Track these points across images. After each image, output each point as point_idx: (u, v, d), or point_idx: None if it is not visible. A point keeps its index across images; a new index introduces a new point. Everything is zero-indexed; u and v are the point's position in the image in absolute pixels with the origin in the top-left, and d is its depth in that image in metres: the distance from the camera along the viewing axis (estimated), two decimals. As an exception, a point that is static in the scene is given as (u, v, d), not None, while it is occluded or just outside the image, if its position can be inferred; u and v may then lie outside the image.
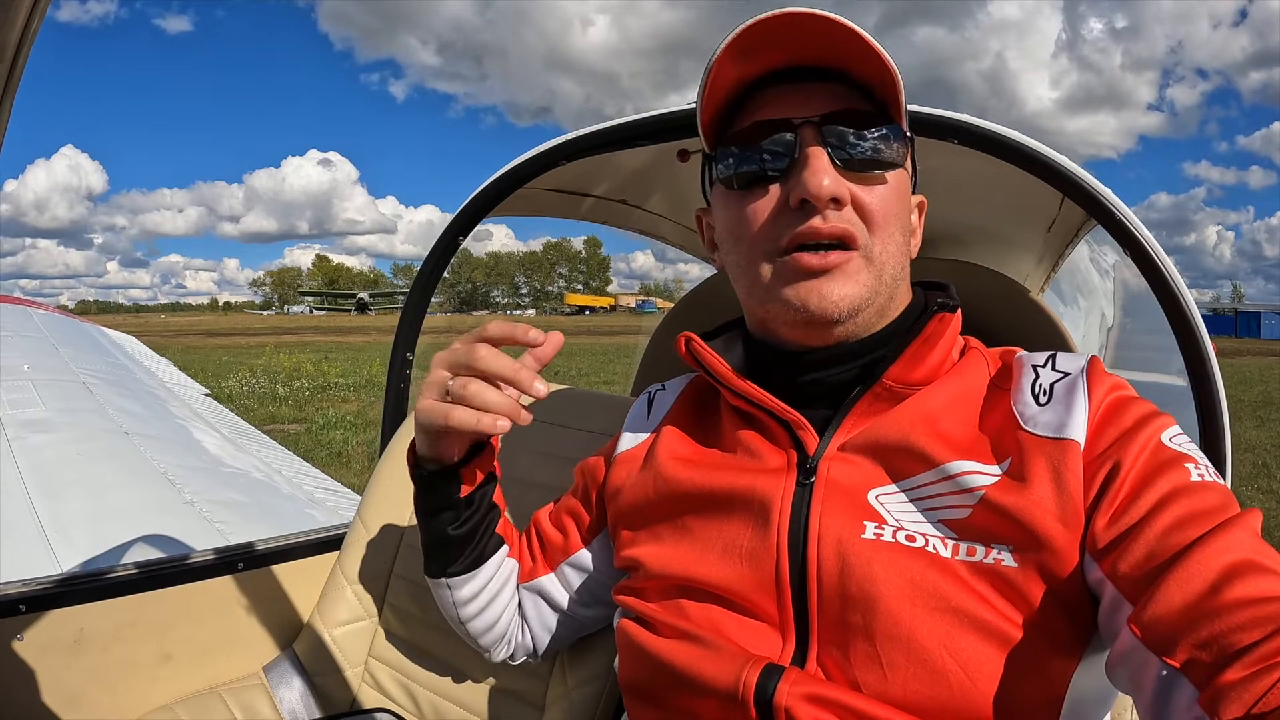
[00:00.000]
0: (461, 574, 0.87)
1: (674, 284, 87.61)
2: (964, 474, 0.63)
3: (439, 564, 0.88)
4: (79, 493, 2.53)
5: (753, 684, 0.62)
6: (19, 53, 0.55)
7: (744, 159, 0.70)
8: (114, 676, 1.13)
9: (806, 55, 0.69)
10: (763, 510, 0.69)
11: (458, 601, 0.89)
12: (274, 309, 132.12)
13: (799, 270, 0.67)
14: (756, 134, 0.69)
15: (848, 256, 0.67)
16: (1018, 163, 0.92)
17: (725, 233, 0.75)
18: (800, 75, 0.70)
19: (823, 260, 0.66)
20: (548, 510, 0.95)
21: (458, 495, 0.82)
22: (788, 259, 0.68)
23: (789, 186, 0.68)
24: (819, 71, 0.70)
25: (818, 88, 0.70)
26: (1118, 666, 0.55)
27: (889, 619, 0.60)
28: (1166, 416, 0.63)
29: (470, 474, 0.82)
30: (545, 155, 1.26)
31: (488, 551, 0.88)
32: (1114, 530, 0.57)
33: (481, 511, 0.86)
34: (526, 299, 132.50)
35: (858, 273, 0.68)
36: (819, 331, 0.69)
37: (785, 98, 0.70)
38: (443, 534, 0.85)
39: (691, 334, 0.78)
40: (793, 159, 0.68)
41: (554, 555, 0.91)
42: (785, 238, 0.68)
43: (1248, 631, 0.47)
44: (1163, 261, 0.89)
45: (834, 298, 0.67)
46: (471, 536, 0.86)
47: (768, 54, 0.69)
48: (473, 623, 0.91)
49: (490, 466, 0.86)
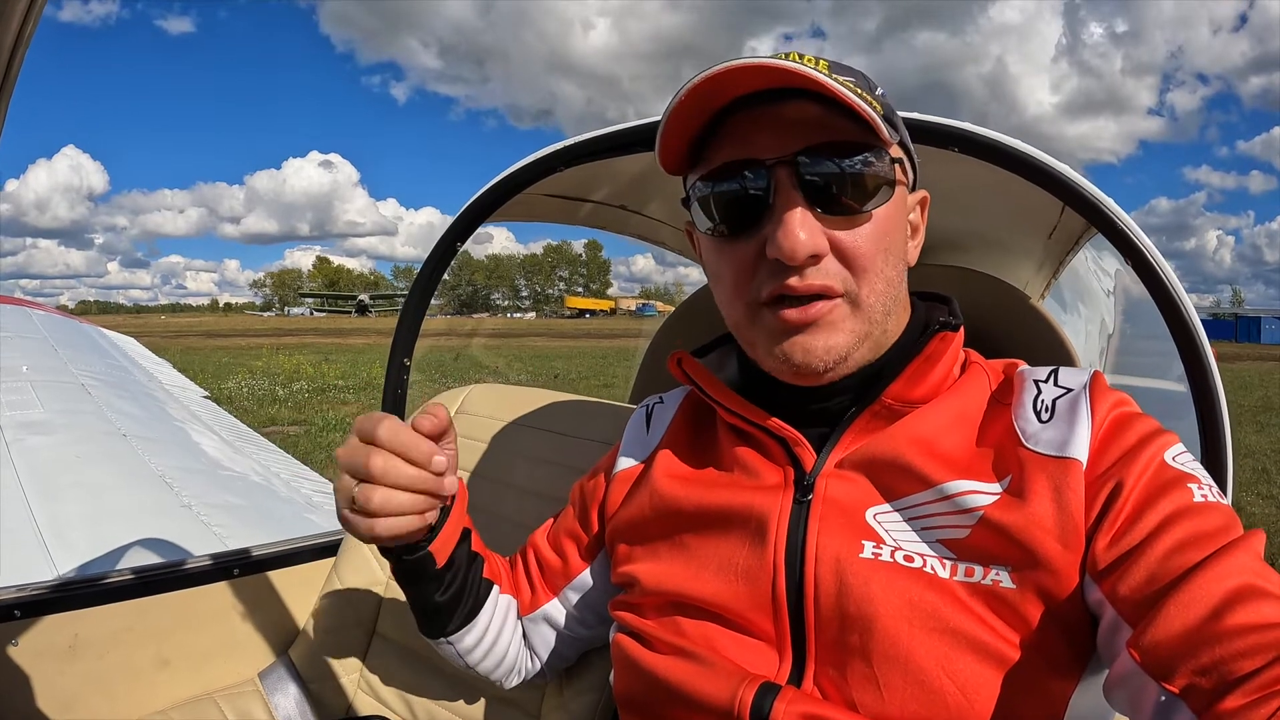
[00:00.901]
0: (459, 630, 0.86)
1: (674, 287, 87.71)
2: (962, 494, 0.62)
3: (434, 628, 0.86)
4: (76, 495, 2.52)
5: (749, 702, 0.61)
6: (14, 55, 0.55)
7: (715, 204, 0.66)
8: (109, 682, 1.12)
9: (777, 82, 0.62)
10: (760, 527, 0.68)
11: (462, 652, 0.88)
12: (274, 310, 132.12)
13: (781, 326, 0.65)
14: (728, 173, 0.65)
15: (831, 306, 0.64)
16: (1018, 170, 0.92)
17: (709, 271, 0.72)
18: (774, 94, 0.64)
19: (803, 314, 0.64)
20: (544, 533, 0.93)
21: (434, 567, 0.80)
22: (768, 312, 0.65)
23: (764, 235, 0.64)
24: (793, 90, 0.63)
25: (792, 108, 0.64)
26: (1116, 689, 0.55)
27: (886, 639, 0.60)
28: (1170, 434, 0.62)
29: (442, 543, 0.79)
30: (544, 161, 1.26)
31: (480, 600, 0.86)
32: (1115, 551, 0.56)
33: (464, 570, 0.83)
34: (526, 302, 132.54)
35: (842, 321, 0.65)
36: (809, 379, 0.68)
37: (758, 125, 0.65)
38: (430, 603, 0.83)
39: (683, 353, 0.77)
40: (767, 206, 0.63)
41: (555, 580, 0.89)
42: (765, 290, 0.64)
43: (1248, 659, 0.47)
44: (1163, 270, 0.89)
45: (818, 351, 0.65)
46: (460, 595, 0.84)
47: (728, 94, 0.64)
48: (481, 665, 0.90)
49: (460, 524, 0.82)
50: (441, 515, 0.78)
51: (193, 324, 62.35)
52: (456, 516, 0.80)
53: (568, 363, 17.65)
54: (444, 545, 0.79)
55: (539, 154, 1.27)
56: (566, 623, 0.90)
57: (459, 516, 0.81)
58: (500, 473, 1.29)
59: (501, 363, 17.04)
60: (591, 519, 0.87)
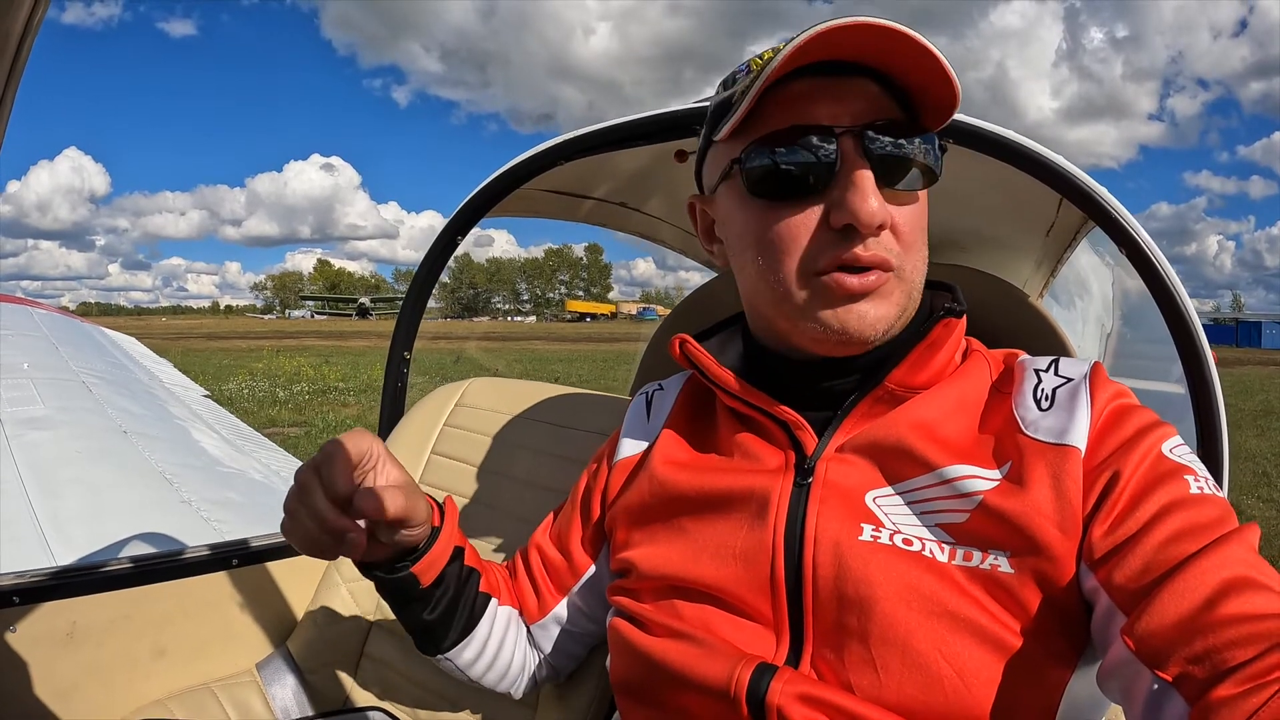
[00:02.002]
0: (456, 644, 0.85)
1: (674, 291, 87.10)
2: (962, 478, 0.63)
3: (428, 644, 0.85)
4: (76, 490, 2.52)
5: (745, 682, 0.62)
6: (23, 41, 0.55)
7: (779, 167, 0.65)
8: (107, 670, 1.12)
9: (842, 54, 0.63)
10: (759, 510, 0.68)
11: (462, 666, 0.87)
12: (275, 313, 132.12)
13: (840, 293, 0.64)
14: (792, 138, 0.64)
15: (885, 278, 0.65)
16: (1013, 161, 0.92)
17: (747, 240, 0.70)
18: (833, 68, 0.64)
19: (863, 283, 0.64)
20: (546, 531, 0.92)
21: (418, 588, 0.78)
22: (827, 279, 0.64)
23: (829, 204, 0.64)
24: (852, 66, 0.64)
25: (854, 85, 0.65)
26: (1109, 677, 0.55)
27: (885, 622, 0.60)
28: (1168, 426, 0.63)
29: (428, 563, 0.78)
30: (544, 155, 1.27)
31: (476, 615, 0.85)
32: (1111, 540, 0.57)
33: (454, 588, 0.82)
34: (527, 305, 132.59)
35: (892, 293, 0.66)
36: (851, 350, 0.68)
37: (819, 94, 0.65)
38: (419, 621, 0.82)
39: (685, 335, 0.78)
40: (834, 174, 0.63)
41: (563, 580, 0.88)
42: (825, 259, 0.64)
43: (1241, 648, 0.47)
44: (1160, 262, 0.89)
45: (871, 319, 0.65)
46: (452, 612, 0.83)
47: (806, 58, 0.62)
48: (485, 678, 0.89)
49: (451, 543, 0.81)
50: (431, 536, 0.78)
51: (194, 326, 62.38)
52: (446, 537, 0.80)
53: (568, 366, 17.65)
54: (431, 566, 0.78)
55: (540, 148, 1.28)
56: (577, 621, 0.89)
57: (449, 536, 0.80)
58: (500, 465, 1.29)
59: (501, 365, 17.04)
60: (594, 508, 0.86)
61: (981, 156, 0.94)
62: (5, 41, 0.52)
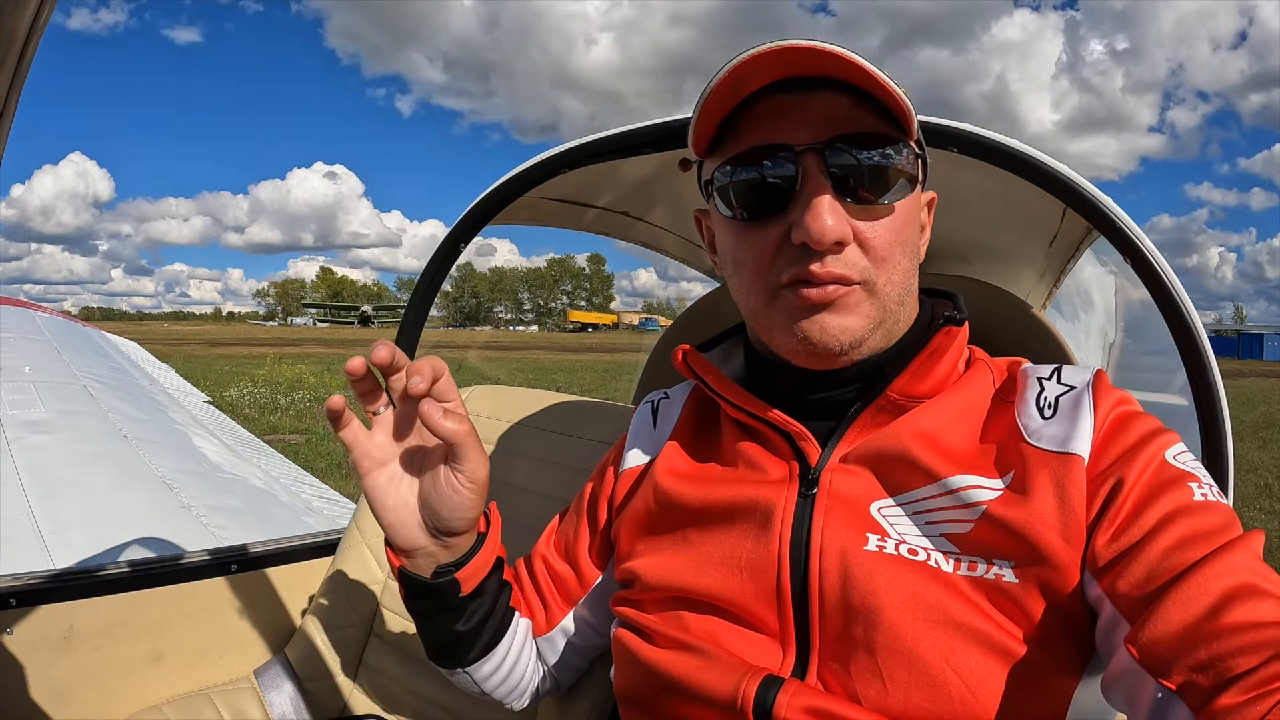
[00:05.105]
0: (479, 659, 0.82)
1: (677, 302, 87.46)
2: (966, 488, 0.63)
3: (451, 658, 0.82)
4: (76, 494, 2.52)
5: (751, 695, 0.61)
6: (28, 41, 0.55)
7: (741, 186, 0.67)
8: (103, 675, 1.12)
9: (807, 70, 0.64)
10: (764, 521, 0.68)
11: (479, 680, 0.84)
12: (277, 320, 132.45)
13: (800, 304, 0.65)
14: (754, 159, 0.66)
15: (847, 291, 0.65)
16: (1017, 170, 0.92)
17: (725, 254, 0.72)
18: (801, 83, 0.65)
19: (822, 294, 0.64)
20: (550, 542, 0.90)
21: (457, 596, 0.76)
22: (788, 292, 0.66)
23: (789, 221, 0.64)
24: (821, 80, 0.65)
25: (821, 99, 0.65)
26: (1114, 686, 0.55)
27: (891, 632, 0.60)
28: (1171, 433, 0.62)
29: (472, 570, 0.75)
30: (548, 163, 1.27)
31: (503, 628, 0.82)
32: (1115, 548, 0.56)
33: (490, 601, 0.79)
34: (529, 315, 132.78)
35: (858, 305, 0.66)
36: (824, 361, 0.68)
37: (785, 110, 0.65)
38: (449, 633, 0.79)
39: (688, 346, 0.78)
40: (793, 191, 0.64)
41: (571, 592, 0.86)
42: (785, 274, 0.65)
43: (1246, 656, 0.47)
44: (1164, 271, 0.89)
45: (834, 330, 0.65)
46: (483, 624, 0.79)
47: (763, 78, 0.64)
48: (497, 691, 0.87)
49: (495, 551, 0.78)
50: (477, 541, 0.76)
51: (196, 332, 62.52)
52: (491, 544, 0.77)
53: (570, 376, 17.66)
54: (474, 574, 0.76)
55: (544, 155, 1.28)
56: (583, 633, 0.87)
57: (493, 544, 0.78)
58: (500, 472, 1.28)
59: (503, 374, 17.05)
60: (600, 517, 0.85)
61: (983, 166, 0.94)
62: (11, 41, 0.52)
